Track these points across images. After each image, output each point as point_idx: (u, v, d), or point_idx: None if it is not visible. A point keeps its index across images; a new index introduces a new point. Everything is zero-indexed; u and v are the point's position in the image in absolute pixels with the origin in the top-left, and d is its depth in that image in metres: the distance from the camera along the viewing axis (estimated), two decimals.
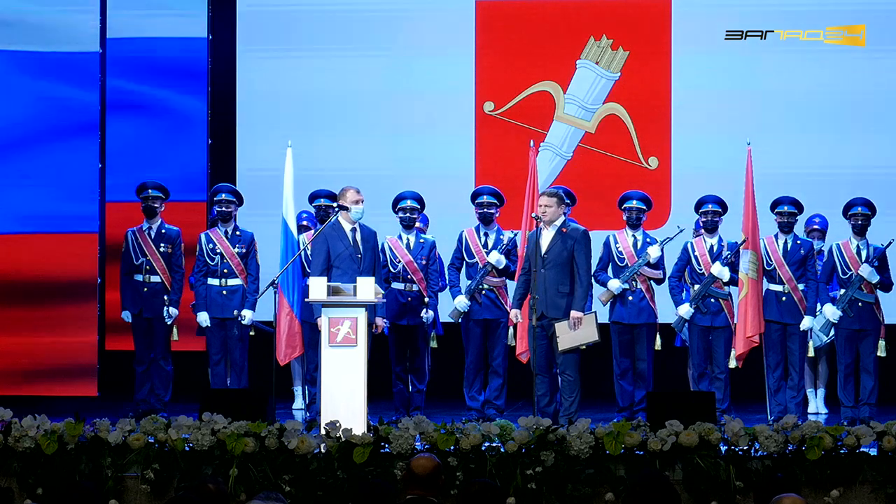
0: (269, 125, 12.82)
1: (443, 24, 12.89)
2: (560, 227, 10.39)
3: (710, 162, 12.51)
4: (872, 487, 8.76)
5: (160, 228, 11.58)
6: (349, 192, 10.62)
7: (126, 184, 12.19)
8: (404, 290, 11.32)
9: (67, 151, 12.19)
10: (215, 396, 9.81)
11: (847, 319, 11.02)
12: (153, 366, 11.55)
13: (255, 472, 8.81)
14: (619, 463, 8.77)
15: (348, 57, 12.88)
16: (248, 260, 11.49)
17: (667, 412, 8.93)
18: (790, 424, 8.88)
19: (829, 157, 12.52)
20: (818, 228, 11.76)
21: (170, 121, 12.70)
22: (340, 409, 9.34)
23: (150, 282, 11.53)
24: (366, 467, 8.77)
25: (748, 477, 8.69)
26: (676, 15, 12.74)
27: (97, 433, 9.05)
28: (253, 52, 12.98)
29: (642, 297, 11.20)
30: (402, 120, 12.88)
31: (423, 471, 6.38)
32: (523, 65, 12.85)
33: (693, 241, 11.36)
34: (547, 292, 10.30)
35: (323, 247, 10.55)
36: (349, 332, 9.55)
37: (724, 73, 12.69)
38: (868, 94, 12.53)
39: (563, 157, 12.86)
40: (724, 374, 11.13)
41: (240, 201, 11.58)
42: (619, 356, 11.24)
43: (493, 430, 8.88)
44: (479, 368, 11.40)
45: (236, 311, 11.36)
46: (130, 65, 12.67)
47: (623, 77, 12.82)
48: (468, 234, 11.45)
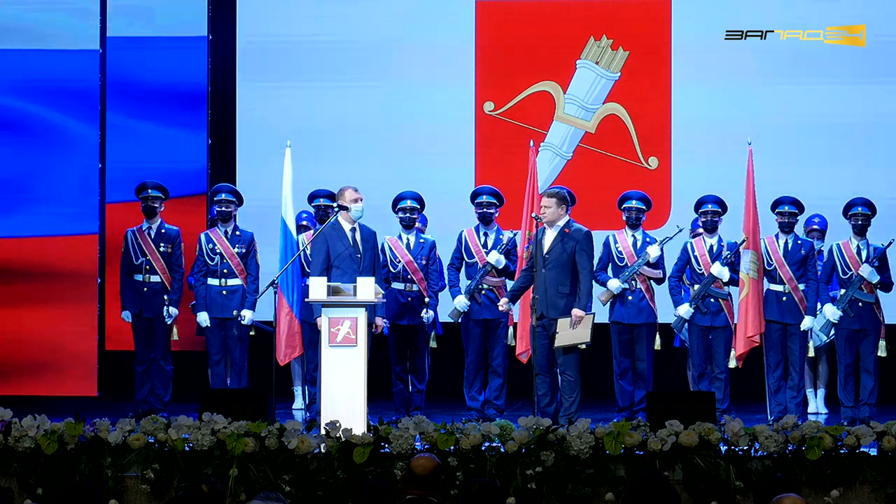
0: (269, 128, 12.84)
1: (443, 25, 12.88)
2: (563, 227, 10.40)
3: (710, 162, 12.51)
4: (872, 487, 8.75)
5: (160, 228, 11.58)
6: (348, 191, 10.62)
7: (126, 185, 12.21)
8: (404, 290, 11.32)
9: (67, 151, 12.20)
10: (215, 396, 9.80)
11: (847, 319, 11.02)
12: (153, 366, 11.55)
13: (255, 472, 8.80)
14: (619, 463, 8.77)
15: (347, 59, 12.87)
16: (247, 260, 11.49)
17: (667, 412, 8.93)
18: (790, 424, 8.88)
19: (829, 156, 12.52)
20: (817, 228, 11.75)
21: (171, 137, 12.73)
22: (340, 409, 9.34)
23: (150, 282, 11.53)
24: (366, 467, 8.77)
25: (748, 477, 8.69)
26: (676, 15, 12.74)
27: (97, 433, 9.05)
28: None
29: (642, 296, 11.20)
30: (402, 120, 12.87)
31: (423, 471, 6.37)
32: (523, 65, 12.85)
33: (693, 242, 11.36)
34: (547, 292, 10.31)
35: (323, 247, 10.54)
36: (349, 332, 9.55)
37: (724, 73, 12.68)
38: (868, 93, 12.52)
39: (563, 157, 12.86)
40: (724, 374, 11.12)
41: (239, 201, 11.58)
42: (618, 356, 11.24)
43: (493, 430, 8.88)
44: (479, 368, 11.40)
45: (236, 311, 11.36)
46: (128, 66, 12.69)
47: (623, 77, 12.82)
48: (468, 234, 11.45)
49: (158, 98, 12.65)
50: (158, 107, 12.67)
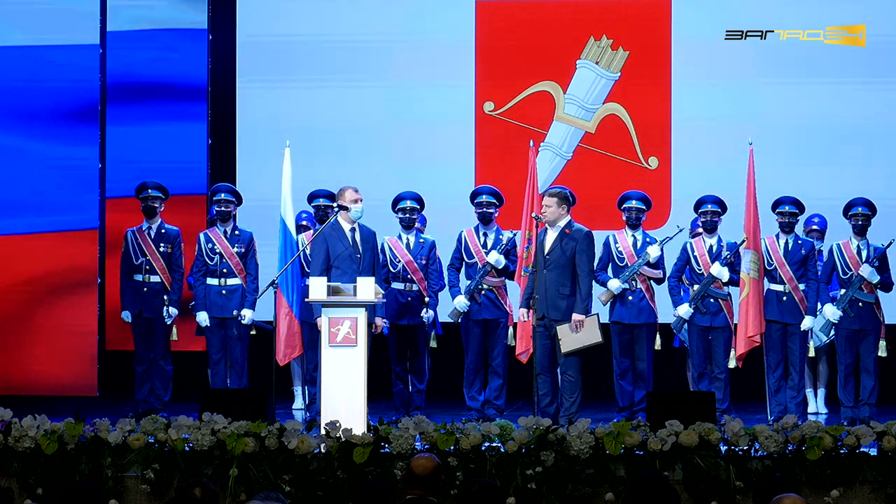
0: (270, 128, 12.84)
1: (443, 25, 12.87)
2: (563, 228, 10.40)
3: (710, 162, 12.51)
4: (872, 487, 8.75)
5: (160, 228, 11.57)
6: (348, 191, 10.62)
7: (126, 182, 12.21)
8: (404, 289, 11.32)
9: (67, 148, 12.19)
10: (215, 396, 9.80)
11: (847, 319, 11.02)
12: (153, 366, 11.55)
13: (255, 472, 8.80)
14: (619, 463, 8.76)
15: (348, 59, 12.87)
16: (247, 260, 11.49)
17: (667, 412, 8.93)
18: (790, 424, 8.88)
19: (828, 156, 12.52)
20: (817, 228, 11.75)
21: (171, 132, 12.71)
22: (340, 409, 9.34)
23: (150, 282, 11.52)
24: (366, 467, 8.77)
25: (748, 477, 8.69)
26: (676, 15, 12.74)
27: (97, 433, 9.05)
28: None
29: (642, 296, 11.20)
30: (402, 120, 12.87)
31: (423, 471, 6.37)
32: (523, 65, 12.85)
33: (692, 242, 11.35)
34: (548, 293, 10.31)
35: (322, 247, 10.54)
36: (349, 332, 9.55)
37: (724, 73, 12.68)
38: (868, 93, 12.52)
39: (563, 157, 12.86)
40: (724, 374, 11.12)
41: (239, 201, 11.58)
42: (619, 356, 11.24)
43: (493, 430, 8.88)
44: (478, 368, 11.40)
45: (235, 311, 11.36)
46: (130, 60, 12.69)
47: (623, 77, 12.82)
48: (467, 234, 11.45)
49: (158, 97, 12.65)
50: (158, 105, 12.67)
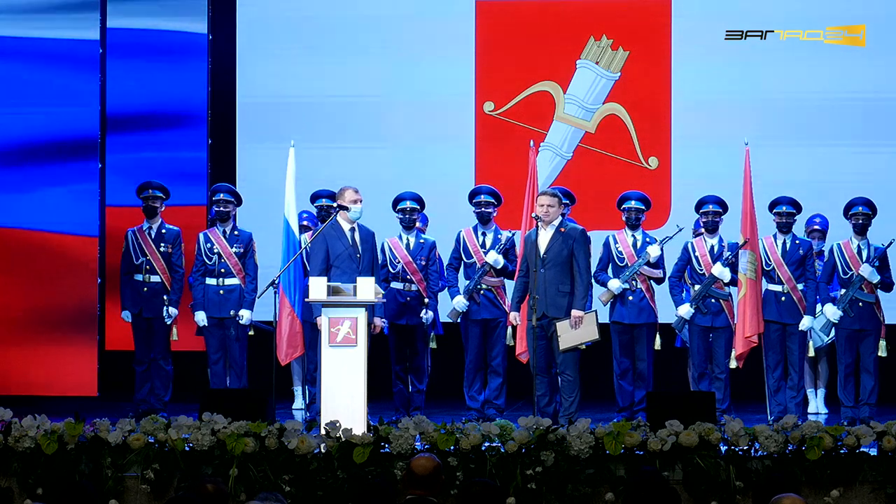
0: (270, 130, 12.84)
1: (443, 25, 12.88)
2: (558, 226, 10.39)
3: (710, 162, 12.51)
4: (872, 487, 8.76)
5: (160, 228, 11.58)
6: (347, 191, 10.62)
7: (126, 187, 12.21)
8: (403, 289, 11.32)
9: (68, 154, 12.19)
10: (215, 396, 9.80)
11: (847, 319, 11.02)
12: (153, 366, 11.55)
13: (255, 472, 8.81)
14: (619, 463, 8.77)
15: (348, 59, 12.87)
16: (245, 260, 11.49)
17: (667, 412, 8.93)
18: (790, 424, 8.89)
19: (828, 157, 12.52)
20: (818, 229, 11.75)
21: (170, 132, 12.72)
22: (340, 409, 9.34)
23: (150, 282, 11.52)
24: (366, 467, 8.77)
25: (748, 477, 8.69)
26: (676, 15, 12.74)
27: (97, 433, 9.05)
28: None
29: (642, 296, 11.20)
30: (402, 121, 12.88)
31: (423, 471, 6.37)
32: (523, 65, 12.86)
33: (693, 242, 11.36)
34: (547, 292, 10.31)
35: (322, 247, 10.54)
36: (349, 332, 9.55)
37: (724, 73, 12.68)
38: (868, 94, 12.52)
39: (563, 157, 12.86)
40: (725, 374, 11.12)
41: (238, 201, 11.58)
42: (619, 356, 11.24)
43: (493, 430, 8.88)
44: (478, 368, 11.40)
45: (233, 310, 11.36)
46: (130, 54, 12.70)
47: (623, 77, 12.82)
48: (466, 233, 11.45)
49: (158, 96, 12.66)
50: (158, 104, 12.68)
